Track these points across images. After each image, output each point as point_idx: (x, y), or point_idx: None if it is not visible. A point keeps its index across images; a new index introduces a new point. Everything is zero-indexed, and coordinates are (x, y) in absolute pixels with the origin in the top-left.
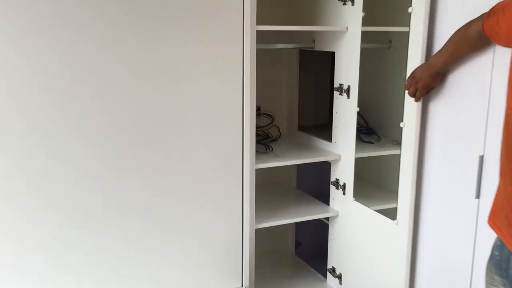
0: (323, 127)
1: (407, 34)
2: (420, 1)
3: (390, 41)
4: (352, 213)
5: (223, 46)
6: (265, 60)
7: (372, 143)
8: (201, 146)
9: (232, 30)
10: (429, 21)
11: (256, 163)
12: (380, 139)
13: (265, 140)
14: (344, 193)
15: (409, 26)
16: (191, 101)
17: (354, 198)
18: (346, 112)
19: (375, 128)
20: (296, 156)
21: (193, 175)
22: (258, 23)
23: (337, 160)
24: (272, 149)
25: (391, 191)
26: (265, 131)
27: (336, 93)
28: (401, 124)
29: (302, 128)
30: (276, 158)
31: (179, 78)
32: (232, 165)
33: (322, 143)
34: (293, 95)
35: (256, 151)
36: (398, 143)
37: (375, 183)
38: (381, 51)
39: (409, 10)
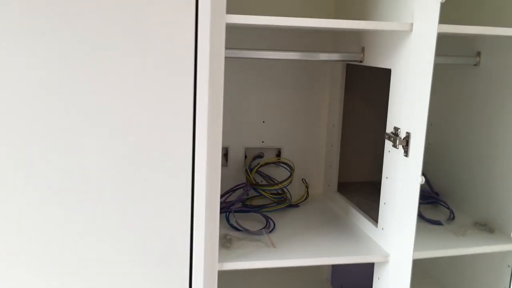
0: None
1: None
2: None
3: (479, 54)
4: None
5: (163, 46)
6: (296, 76)
7: (440, 223)
8: (116, 227)
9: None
10: None
11: (221, 260)
12: (453, 217)
13: (268, 208)
14: None
15: None
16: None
17: None
18: (401, 180)
19: (444, 196)
20: (306, 250)
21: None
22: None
23: (383, 262)
24: (274, 226)
25: None
26: (284, 189)
27: (387, 144)
28: None
29: (344, 188)
30: (263, 251)
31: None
32: (171, 265)
33: (366, 225)
34: (334, 135)
35: (240, 229)
36: (489, 229)
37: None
38: (462, 70)
39: None
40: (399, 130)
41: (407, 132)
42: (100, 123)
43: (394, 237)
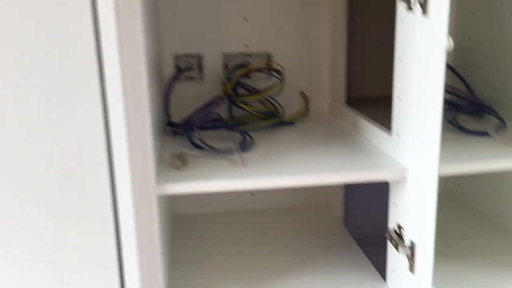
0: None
1: None
2: None
3: None
4: None
5: None
6: None
7: (487, 134)
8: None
9: None
10: None
11: (164, 181)
12: (505, 126)
13: (249, 125)
14: (411, 269)
15: None
16: None
17: None
18: (420, 54)
19: (490, 101)
20: (290, 168)
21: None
22: None
23: (400, 181)
24: (252, 144)
25: None
26: (276, 105)
27: (400, 9)
28: None
29: (355, 101)
30: (228, 171)
31: None
32: (85, 184)
33: (377, 136)
34: (338, 32)
35: (204, 148)
36: None
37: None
38: None
39: None
40: None
41: None
42: None
43: (413, 146)
